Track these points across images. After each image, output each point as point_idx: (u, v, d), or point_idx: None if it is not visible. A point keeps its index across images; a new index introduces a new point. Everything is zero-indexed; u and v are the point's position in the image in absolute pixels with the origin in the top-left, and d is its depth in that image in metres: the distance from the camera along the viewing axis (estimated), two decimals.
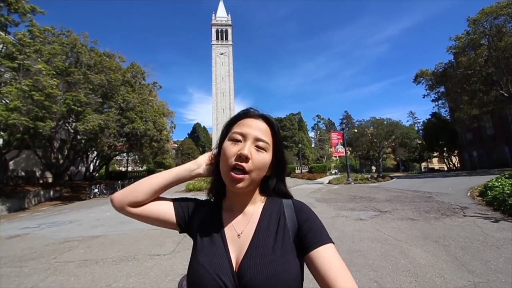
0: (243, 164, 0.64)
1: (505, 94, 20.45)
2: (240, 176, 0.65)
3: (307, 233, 0.66)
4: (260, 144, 0.68)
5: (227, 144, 0.68)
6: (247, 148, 0.65)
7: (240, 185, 0.66)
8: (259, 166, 0.67)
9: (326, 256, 0.60)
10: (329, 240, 0.64)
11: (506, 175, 8.75)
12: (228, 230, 0.71)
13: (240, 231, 0.70)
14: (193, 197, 0.85)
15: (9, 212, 12.43)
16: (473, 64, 20.78)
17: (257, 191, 0.76)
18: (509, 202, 5.92)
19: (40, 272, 3.83)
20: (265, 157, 0.68)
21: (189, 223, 0.77)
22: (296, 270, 0.63)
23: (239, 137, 0.68)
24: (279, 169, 0.76)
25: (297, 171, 38.49)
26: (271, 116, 0.74)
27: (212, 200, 0.82)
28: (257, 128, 0.69)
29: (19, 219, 10.43)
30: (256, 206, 0.75)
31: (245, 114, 0.73)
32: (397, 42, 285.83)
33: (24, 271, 3.91)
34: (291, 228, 0.68)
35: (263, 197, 0.77)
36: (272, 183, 0.77)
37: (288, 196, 0.79)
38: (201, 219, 0.76)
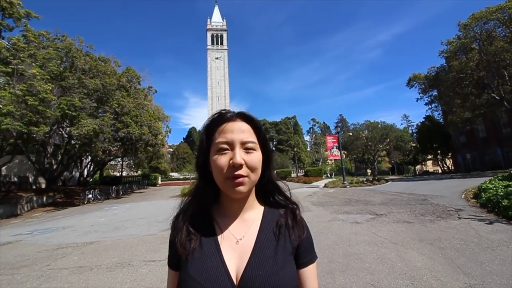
0: (239, 172, 0.63)
1: (496, 97, 20.89)
2: (240, 180, 0.63)
3: (303, 251, 0.70)
4: (248, 145, 0.66)
5: (215, 156, 0.65)
6: (238, 156, 0.63)
7: (241, 188, 0.63)
8: (254, 167, 0.65)
9: (311, 276, 0.70)
10: (315, 257, 0.73)
11: (499, 177, 8.89)
12: (224, 237, 0.67)
13: (240, 237, 0.68)
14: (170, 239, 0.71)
15: (1, 219, 12.16)
16: (464, 68, 21.20)
17: (253, 195, 0.73)
18: (503, 204, 5.99)
19: (33, 280, 3.75)
20: (257, 156, 0.67)
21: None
22: (296, 280, 0.67)
23: (226, 146, 0.65)
24: (267, 161, 0.73)
25: (293, 174, 38.41)
26: (248, 112, 0.71)
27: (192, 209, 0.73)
28: (240, 131, 0.67)
29: (11, 225, 10.20)
30: (255, 212, 0.73)
31: (222, 119, 0.69)
32: (390, 47, 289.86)
33: (17, 279, 3.83)
34: (292, 241, 0.69)
35: (261, 203, 0.76)
36: (263, 178, 0.73)
37: (278, 187, 0.78)
38: (187, 230, 0.68)
